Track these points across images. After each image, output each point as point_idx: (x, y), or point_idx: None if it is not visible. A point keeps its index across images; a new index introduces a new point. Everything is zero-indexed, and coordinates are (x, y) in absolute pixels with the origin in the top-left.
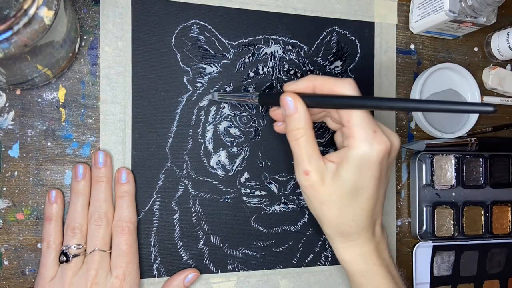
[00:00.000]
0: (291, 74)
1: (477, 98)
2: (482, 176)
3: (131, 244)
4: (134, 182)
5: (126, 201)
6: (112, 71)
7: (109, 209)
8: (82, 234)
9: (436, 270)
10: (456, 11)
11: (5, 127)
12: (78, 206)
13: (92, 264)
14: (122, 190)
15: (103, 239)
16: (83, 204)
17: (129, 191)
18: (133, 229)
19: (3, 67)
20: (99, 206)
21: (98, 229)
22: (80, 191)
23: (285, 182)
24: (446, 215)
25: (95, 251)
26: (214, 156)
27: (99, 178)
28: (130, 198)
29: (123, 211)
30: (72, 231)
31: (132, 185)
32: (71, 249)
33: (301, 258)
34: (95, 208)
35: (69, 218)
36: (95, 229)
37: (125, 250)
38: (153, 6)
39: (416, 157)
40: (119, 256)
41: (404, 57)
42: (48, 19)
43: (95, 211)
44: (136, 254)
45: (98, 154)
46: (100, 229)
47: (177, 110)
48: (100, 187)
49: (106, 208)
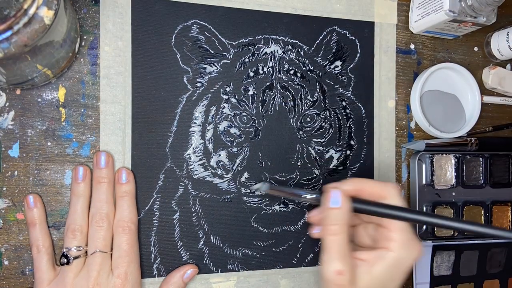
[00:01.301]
0: (291, 74)
1: (477, 98)
2: (482, 176)
3: (132, 244)
4: (134, 182)
5: (127, 201)
6: (112, 71)
7: (111, 210)
8: (82, 236)
9: (436, 270)
10: (456, 11)
11: (5, 127)
12: (78, 208)
13: (94, 265)
14: (123, 190)
15: (104, 240)
16: (83, 206)
17: (130, 191)
18: (134, 229)
19: (3, 67)
20: (100, 207)
21: (99, 230)
22: (80, 193)
23: (285, 182)
24: (446, 215)
25: (96, 253)
26: (214, 156)
27: (101, 179)
28: (130, 198)
29: (124, 211)
30: (72, 233)
31: (132, 185)
32: (71, 251)
33: (301, 258)
34: (96, 209)
35: (69, 220)
36: (96, 230)
37: (127, 250)
38: (153, 6)
39: (416, 157)
40: (120, 256)
41: (404, 57)
42: (48, 19)
43: (96, 212)
44: (137, 254)
45: (100, 155)
46: (102, 230)
47: (177, 110)
48: (102, 187)
49: (107, 209)
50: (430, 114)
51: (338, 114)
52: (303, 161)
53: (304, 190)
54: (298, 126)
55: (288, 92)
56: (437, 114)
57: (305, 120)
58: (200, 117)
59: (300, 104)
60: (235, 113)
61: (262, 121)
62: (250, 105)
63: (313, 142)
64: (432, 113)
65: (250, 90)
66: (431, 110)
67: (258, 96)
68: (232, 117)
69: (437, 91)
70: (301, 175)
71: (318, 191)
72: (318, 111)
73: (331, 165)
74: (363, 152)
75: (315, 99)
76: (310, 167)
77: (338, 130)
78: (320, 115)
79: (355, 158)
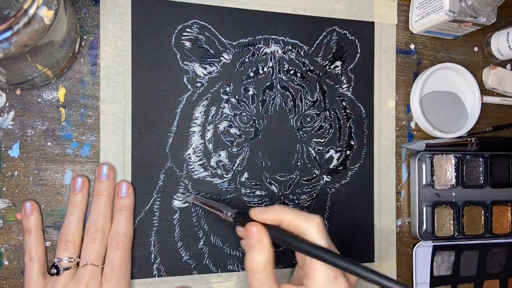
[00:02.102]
0: (291, 74)
1: (477, 98)
2: (482, 176)
3: (124, 259)
4: (133, 196)
5: (124, 215)
6: (112, 71)
7: (107, 223)
8: (74, 247)
9: (436, 270)
10: (456, 11)
11: (5, 127)
12: (73, 219)
13: (83, 278)
14: (121, 203)
15: (97, 254)
16: (78, 217)
17: (128, 205)
18: (128, 244)
19: (3, 67)
20: (97, 219)
21: (93, 243)
22: (76, 204)
23: (285, 182)
24: (446, 215)
25: (87, 265)
26: (214, 156)
27: (101, 192)
28: (128, 212)
29: (120, 225)
30: (65, 243)
31: (131, 199)
32: (62, 262)
33: None
34: (93, 221)
35: (64, 230)
36: (90, 243)
37: (118, 266)
38: (153, 6)
39: (416, 157)
40: (111, 270)
41: (404, 57)
42: (48, 19)
43: (93, 224)
44: (128, 270)
45: (102, 168)
46: (95, 243)
47: (177, 110)
48: (101, 200)
49: (103, 222)
50: (430, 114)
51: (338, 114)
52: (303, 161)
53: (226, 207)
54: (298, 126)
55: (288, 92)
56: (437, 114)
57: (305, 120)
58: (200, 117)
59: (300, 104)
60: (235, 113)
61: (262, 121)
62: (250, 105)
63: (313, 142)
64: (432, 113)
65: (250, 90)
66: (431, 110)
67: (258, 96)
68: (232, 117)
69: (437, 93)
70: (301, 175)
71: (235, 211)
72: (318, 111)
73: (331, 165)
74: (363, 152)
75: (315, 99)
76: (310, 167)
77: (338, 130)
78: (320, 115)
79: (355, 158)
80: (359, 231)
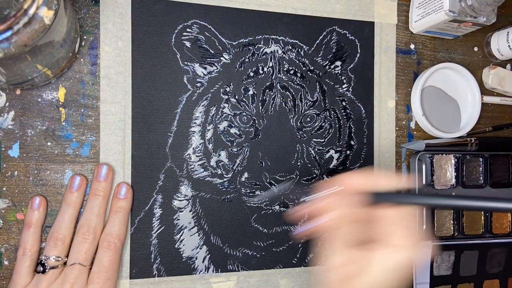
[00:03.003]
0: (291, 74)
1: (477, 98)
2: (482, 176)
3: (114, 261)
4: (132, 200)
5: (120, 217)
6: (112, 71)
7: (99, 224)
8: (63, 246)
9: (436, 270)
10: (456, 11)
11: (5, 127)
12: (66, 217)
13: (69, 277)
14: (119, 205)
15: (86, 254)
16: (71, 216)
17: (125, 208)
18: (119, 246)
19: (3, 67)
20: (91, 219)
21: (83, 242)
22: (71, 202)
23: (285, 182)
24: (446, 215)
25: (75, 265)
26: (214, 156)
27: (97, 192)
28: (124, 214)
29: (114, 227)
30: (54, 241)
31: (129, 202)
32: (49, 260)
33: (301, 258)
34: (85, 221)
35: (55, 227)
36: (80, 242)
37: (107, 267)
38: (153, 6)
39: (416, 157)
40: (99, 271)
41: (404, 57)
42: (48, 19)
43: (85, 223)
44: (117, 273)
45: (101, 168)
46: (86, 243)
47: (177, 110)
48: (96, 200)
49: (96, 222)
50: (430, 114)
51: (338, 114)
52: (303, 161)
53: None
54: (298, 126)
55: (288, 92)
56: (437, 114)
57: (305, 120)
58: (200, 117)
59: (300, 104)
60: (235, 113)
61: (262, 121)
62: (250, 105)
63: (313, 142)
64: (432, 113)
65: (250, 90)
66: (432, 110)
67: (258, 96)
68: (232, 117)
69: (437, 93)
70: (301, 175)
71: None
72: (318, 111)
73: (331, 165)
74: (363, 152)
75: (315, 99)
76: (310, 167)
77: (338, 130)
78: (320, 115)
79: (355, 158)
80: None
